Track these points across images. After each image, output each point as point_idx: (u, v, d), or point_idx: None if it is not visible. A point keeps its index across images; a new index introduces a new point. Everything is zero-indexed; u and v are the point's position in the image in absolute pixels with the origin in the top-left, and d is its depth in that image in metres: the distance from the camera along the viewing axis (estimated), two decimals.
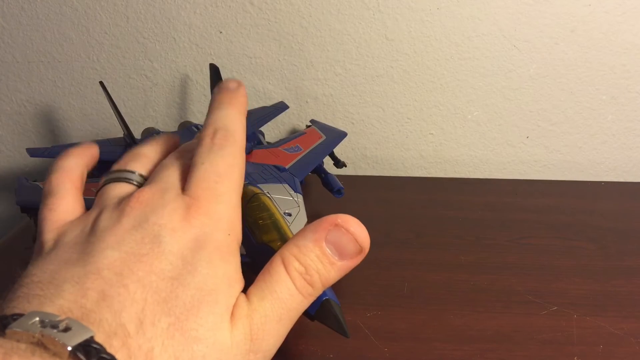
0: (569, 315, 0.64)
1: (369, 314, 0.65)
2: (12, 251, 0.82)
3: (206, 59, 1.04)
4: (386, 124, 1.08)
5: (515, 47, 1.02)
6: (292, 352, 0.59)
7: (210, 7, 1.02)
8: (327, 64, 1.05)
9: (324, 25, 1.03)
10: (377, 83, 1.06)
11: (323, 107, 1.08)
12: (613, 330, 0.62)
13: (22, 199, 0.75)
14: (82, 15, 1.03)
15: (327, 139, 0.91)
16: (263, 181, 0.73)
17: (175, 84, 1.07)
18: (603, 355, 0.58)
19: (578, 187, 1.00)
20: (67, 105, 1.08)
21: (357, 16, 1.02)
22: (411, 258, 0.77)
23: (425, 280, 0.72)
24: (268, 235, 0.60)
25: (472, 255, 0.77)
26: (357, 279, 0.74)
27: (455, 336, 0.62)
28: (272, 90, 1.07)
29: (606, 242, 0.79)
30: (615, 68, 1.03)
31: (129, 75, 1.07)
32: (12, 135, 1.10)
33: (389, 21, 1.02)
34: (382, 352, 0.59)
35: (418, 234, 0.82)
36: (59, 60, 1.06)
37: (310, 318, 0.54)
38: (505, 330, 0.62)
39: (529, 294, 0.68)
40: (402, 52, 1.04)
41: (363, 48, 1.04)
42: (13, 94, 1.08)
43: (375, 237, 0.84)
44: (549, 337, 0.61)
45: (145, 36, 1.04)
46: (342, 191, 0.82)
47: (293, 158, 0.83)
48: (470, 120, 1.06)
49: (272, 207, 0.64)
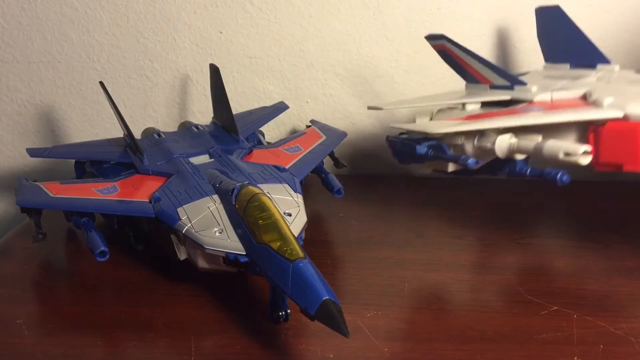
0: (569, 315, 0.64)
1: (369, 314, 0.65)
2: (12, 251, 0.82)
3: (206, 59, 1.04)
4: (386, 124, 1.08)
5: (515, 47, 1.02)
6: (292, 352, 0.59)
7: (211, 8, 1.02)
8: (327, 64, 1.05)
9: (324, 26, 1.03)
10: (377, 83, 1.06)
11: (323, 107, 1.08)
12: (613, 330, 0.62)
13: (22, 198, 0.75)
14: (83, 16, 1.03)
15: (327, 139, 0.91)
16: (263, 181, 0.73)
17: (175, 84, 1.07)
18: (603, 355, 0.58)
19: (578, 187, 1.00)
20: (67, 105, 1.08)
21: (358, 16, 1.02)
22: (411, 258, 0.77)
23: (425, 280, 0.72)
24: (268, 235, 0.60)
25: (472, 255, 0.77)
26: (357, 279, 0.74)
27: (455, 336, 0.62)
28: (272, 90, 1.07)
29: (606, 242, 0.79)
30: None
31: (129, 76, 1.07)
32: (12, 135, 1.10)
33: (389, 21, 1.02)
34: (382, 352, 0.59)
35: (418, 234, 0.82)
36: (59, 61, 1.06)
37: (310, 318, 0.54)
38: (505, 330, 0.62)
39: (529, 294, 0.68)
40: (402, 52, 1.04)
41: (363, 48, 1.04)
42: (13, 94, 1.08)
43: (376, 237, 0.84)
44: (549, 337, 0.61)
45: (146, 36, 1.04)
46: (342, 191, 0.82)
47: (293, 158, 0.83)
48: None
49: (272, 207, 0.64)
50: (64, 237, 0.84)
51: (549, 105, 0.66)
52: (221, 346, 0.61)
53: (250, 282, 0.70)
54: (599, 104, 0.62)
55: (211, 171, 0.76)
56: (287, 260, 0.57)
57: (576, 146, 0.58)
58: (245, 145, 0.86)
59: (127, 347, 0.61)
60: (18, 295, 0.71)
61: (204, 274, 0.69)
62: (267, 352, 0.59)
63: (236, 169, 0.76)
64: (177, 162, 0.79)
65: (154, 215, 0.69)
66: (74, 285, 0.74)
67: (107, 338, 0.63)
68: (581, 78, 0.73)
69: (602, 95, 0.62)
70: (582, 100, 0.65)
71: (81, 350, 0.61)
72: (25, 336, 0.63)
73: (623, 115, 0.60)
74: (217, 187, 0.70)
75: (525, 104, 0.68)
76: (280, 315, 0.61)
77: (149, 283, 0.71)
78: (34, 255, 0.80)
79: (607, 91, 0.63)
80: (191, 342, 0.61)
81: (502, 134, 0.63)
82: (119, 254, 0.74)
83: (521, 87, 0.71)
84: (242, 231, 0.63)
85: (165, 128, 1.01)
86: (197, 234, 0.64)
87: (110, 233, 0.72)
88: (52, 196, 0.74)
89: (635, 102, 0.60)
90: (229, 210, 0.66)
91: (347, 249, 0.81)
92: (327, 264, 0.75)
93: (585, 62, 0.79)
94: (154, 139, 0.89)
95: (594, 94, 0.64)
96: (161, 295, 0.69)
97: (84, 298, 0.70)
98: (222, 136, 0.89)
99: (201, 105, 1.08)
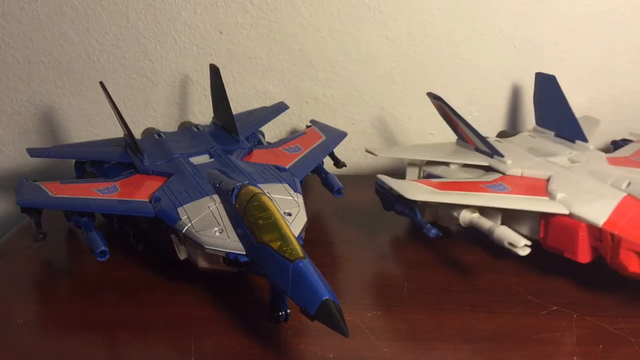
0: (569, 315, 0.64)
1: (369, 314, 0.65)
2: (12, 251, 0.82)
3: (206, 59, 1.04)
4: (386, 124, 1.08)
5: (515, 47, 1.02)
6: (292, 352, 0.59)
7: (211, 8, 1.02)
8: (328, 64, 1.05)
9: (325, 26, 1.03)
10: (377, 83, 1.06)
11: (323, 107, 1.07)
12: (613, 330, 0.62)
13: (22, 198, 0.75)
14: (83, 16, 1.03)
15: (327, 139, 0.91)
16: (263, 181, 0.73)
17: (175, 84, 1.07)
18: (603, 355, 0.58)
19: None
20: (67, 105, 1.08)
21: (358, 16, 1.02)
22: (411, 258, 0.77)
23: (425, 280, 0.72)
24: (268, 235, 0.60)
25: (472, 255, 0.77)
26: (357, 279, 0.75)
27: (455, 336, 0.62)
28: (272, 91, 1.07)
29: None
30: (616, 68, 1.03)
31: (130, 76, 1.07)
32: (12, 135, 1.10)
33: (389, 21, 1.02)
34: (382, 352, 0.59)
35: (418, 234, 0.82)
36: (60, 61, 1.06)
37: (310, 318, 0.54)
38: (505, 330, 0.62)
39: (529, 294, 0.68)
40: (402, 52, 1.04)
41: (363, 48, 1.04)
42: (14, 94, 1.08)
43: (376, 237, 0.84)
44: (549, 337, 0.61)
45: (146, 36, 1.04)
46: (342, 191, 0.82)
47: (293, 158, 0.83)
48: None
49: (272, 206, 0.64)
50: (64, 237, 0.84)
51: (516, 183, 0.76)
52: (221, 346, 0.61)
53: (250, 282, 0.70)
54: (553, 196, 0.71)
55: (211, 171, 0.76)
56: (287, 260, 0.57)
57: (518, 239, 0.66)
58: (245, 145, 0.86)
59: (127, 347, 0.61)
60: (18, 295, 0.71)
61: (204, 274, 0.69)
62: (267, 352, 0.59)
63: (236, 169, 0.76)
64: (177, 162, 0.79)
65: (154, 215, 0.69)
66: (74, 285, 0.74)
67: (107, 338, 0.63)
68: (555, 155, 0.83)
69: (559, 188, 0.72)
70: (546, 182, 0.75)
71: (81, 350, 0.61)
72: (25, 336, 0.63)
73: (569, 213, 0.68)
74: (217, 187, 0.70)
75: (496, 178, 0.78)
76: (280, 315, 0.61)
77: (149, 283, 0.72)
78: (34, 255, 0.80)
79: (565, 184, 0.73)
80: (191, 342, 0.61)
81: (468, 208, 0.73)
82: (119, 254, 0.74)
83: (499, 157, 0.81)
84: (242, 231, 0.63)
85: (165, 128, 1.01)
86: (197, 233, 0.64)
87: (111, 233, 0.72)
88: (52, 196, 0.74)
89: (581, 203, 0.68)
90: (229, 210, 0.66)
91: (347, 249, 0.81)
92: (327, 264, 0.75)
93: (567, 136, 0.89)
94: (154, 139, 0.89)
95: (553, 183, 0.74)
96: (161, 295, 0.69)
97: (84, 298, 0.70)
98: (222, 136, 0.89)
99: (201, 105, 1.08)
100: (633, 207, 0.67)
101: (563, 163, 0.80)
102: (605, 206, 0.67)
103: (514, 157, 0.81)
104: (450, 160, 0.85)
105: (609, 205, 0.68)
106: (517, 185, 0.75)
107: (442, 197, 0.73)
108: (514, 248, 0.66)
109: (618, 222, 0.65)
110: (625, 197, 0.69)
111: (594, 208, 0.67)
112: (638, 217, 0.66)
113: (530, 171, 0.79)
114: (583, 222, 0.67)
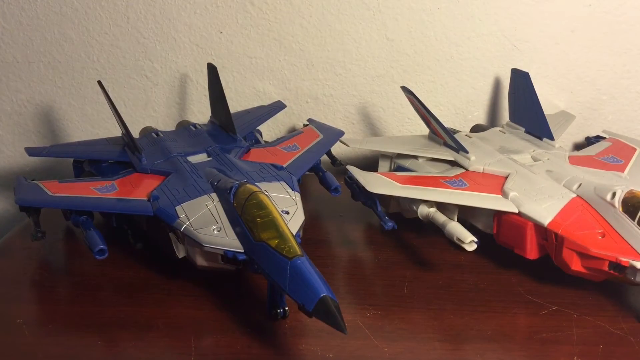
0: (569, 315, 0.64)
1: (369, 314, 0.65)
2: (12, 251, 0.82)
3: (206, 59, 1.04)
4: (386, 124, 1.08)
5: (515, 47, 1.02)
6: (292, 352, 0.59)
7: (211, 8, 1.02)
8: (328, 64, 1.05)
9: (324, 26, 1.03)
10: (377, 83, 1.06)
11: (323, 107, 1.07)
12: (613, 330, 0.62)
13: (21, 197, 0.75)
14: (83, 15, 1.03)
15: (325, 137, 0.91)
16: (261, 179, 0.73)
17: (175, 84, 1.07)
18: (603, 355, 0.58)
19: None
20: (67, 105, 1.08)
21: (358, 16, 1.02)
22: (411, 258, 0.77)
23: (425, 280, 0.72)
24: (266, 233, 0.60)
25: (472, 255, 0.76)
26: (357, 279, 0.74)
27: (455, 336, 0.62)
28: (272, 91, 1.07)
29: None
30: (616, 68, 1.03)
31: (129, 76, 1.06)
32: (12, 135, 1.10)
33: (389, 21, 1.02)
34: (382, 352, 0.59)
35: (418, 234, 0.82)
36: (59, 61, 1.06)
37: (308, 315, 0.54)
38: (505, 330, 0.62)
39: (529, 294, 0.68)
40: (402, 52, 1.04)
41: (363, 48, 1.04)
42: (13, 94, 1.08)
43: (375, 236, 0.84)
44: (549, 337, 0.61)
45: (146, 36, 1.04)
46: (339, 189, 0.82)
47: (291, 157, 0.83)
48: (470, 121, 1.06)
49: (270, 205, 0.64)
50: (63, 236, 0.84)
51: (475, 180, 0.78)
52: (221, 346, 0.61)
53: (250, 282, 0.70)
54: (506, 195, 0.73)
55: (209, 170, 0.76)
56: (285, 258, 0.57)
57: (466, 235, 0.69)
58: (243, 144, 0.87)
59: (127, 347, 0.61)
60: (18, 295, 0.71)
61: (204, 274, 0.69)
62: (267, 352, 0.59)
63: (234, 168, 0.76)
64: (175, 161, 0.79)
65: (152, 213, 0.69)
66: (74, 285, 0.74)
67: (107, 338, 0.63)
68: (519, 153, 0.85)
69: (513, 187, 0.74)
70: (504, 180, 0.77)
71: (81, 350, 0.61)
72: (25, 336, 0.63)
73: (518, 211, 0.71)
74: (215, 186, 0.70)
75: (457, 174, 0.80)
76: (278, 313, 0.61)
77: (149, 283, 0.71)
78: (33, 255, 0.79)
79: (520, 183, 0.75)
80: (191, 342, 0.61)
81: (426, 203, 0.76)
82: (119, 253, 0.74)
83: (464, 153, 0.84)
84: (240, 229, 0.63)
85: (165, 128, 1.01)
86: (195, 231, 0.64)
87: (109, 233, 0.72)
88: (51, 195, 0.73)
89: (530, 203, 0.71)
90: (227, 208, 0.66)
91: (347, 249, 0.81)
92: (327, 264, 0.75)
93: (536, 133, 0.92)
94: (152, 137, 0.89)
95: (509, 181, 0.76)
96: (161, 295, 0.69)
97: (84, 298, 0.70)
98: (220, 135, 0.90)
99: (201, 105, 1.08)
100: (579, 208, 0.70)
101: (525, 161, 0.83)
102: (553, 207, 0.70)
103: (478, 154, 0.84)
104: (419, 153, 0.88)
105: (556, 206, 0.70)
106: (476, 182, 0.78)
107: (402, 191, 0.76)
108: (462, 244, 0.68)
109: (562, 223, 0.68)
110: (574, 199, 0.71)
111: (542, 208, 0.70)
112: (582, 218, 0.68)
113: (491, 168, 0.81)
114: (530, 221, 0.69)
